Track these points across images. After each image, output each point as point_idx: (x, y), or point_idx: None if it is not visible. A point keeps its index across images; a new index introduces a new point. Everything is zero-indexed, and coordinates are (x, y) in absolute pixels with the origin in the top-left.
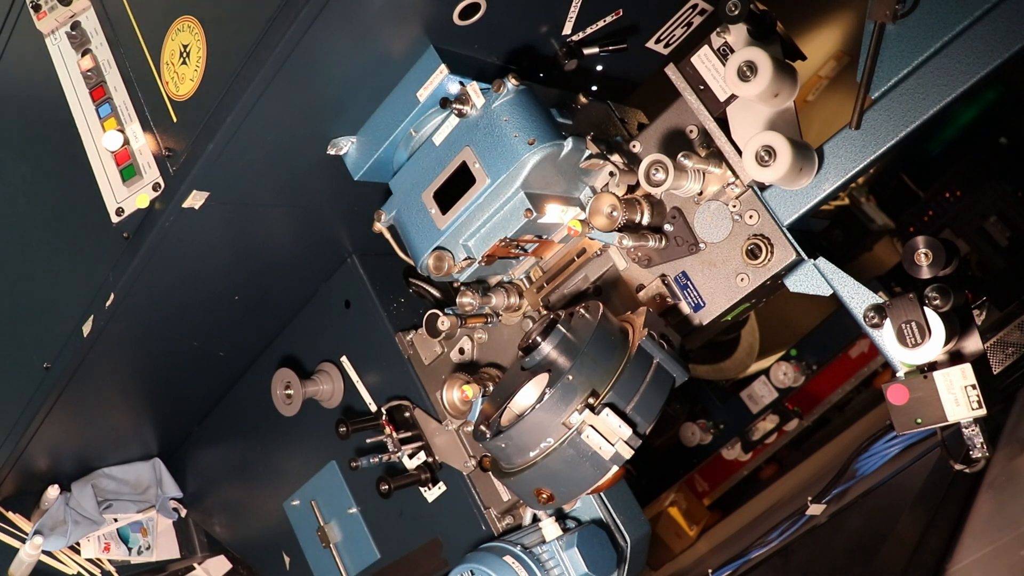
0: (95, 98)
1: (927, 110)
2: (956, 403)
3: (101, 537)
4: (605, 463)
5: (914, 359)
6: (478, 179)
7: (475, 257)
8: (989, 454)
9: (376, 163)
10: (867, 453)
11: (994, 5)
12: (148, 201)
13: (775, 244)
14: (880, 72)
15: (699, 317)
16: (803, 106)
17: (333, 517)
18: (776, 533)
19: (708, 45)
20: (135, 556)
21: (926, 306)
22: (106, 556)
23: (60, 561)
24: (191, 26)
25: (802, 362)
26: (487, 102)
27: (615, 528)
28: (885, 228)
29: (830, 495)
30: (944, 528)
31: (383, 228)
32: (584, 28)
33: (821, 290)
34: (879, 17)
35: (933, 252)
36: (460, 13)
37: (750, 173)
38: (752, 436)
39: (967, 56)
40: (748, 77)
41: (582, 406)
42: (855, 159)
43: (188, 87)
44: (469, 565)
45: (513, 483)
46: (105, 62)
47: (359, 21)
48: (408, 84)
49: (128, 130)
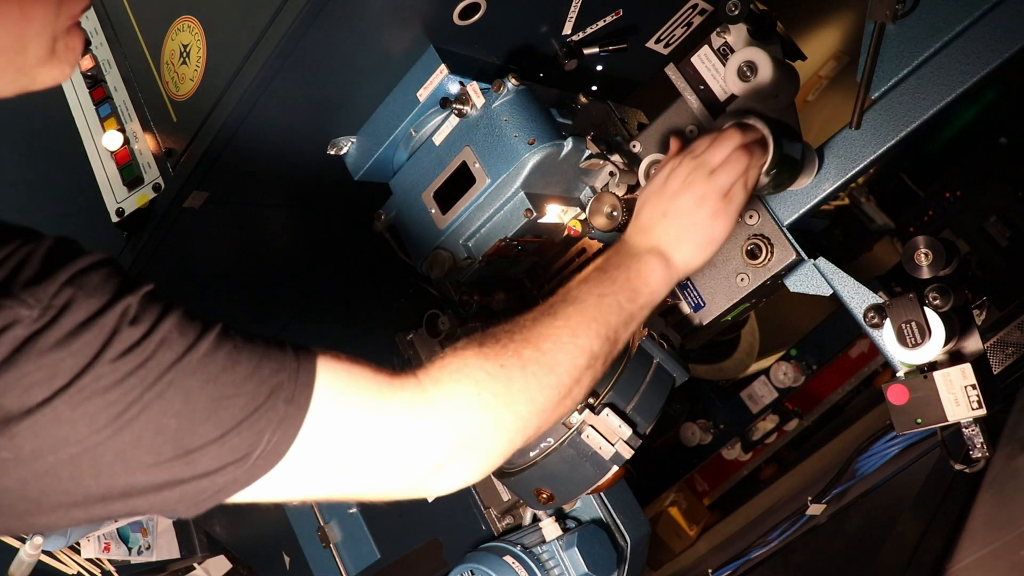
0: (95, 98)
1: (927, 110)
2: (956, 403)
3: (101, 537)
4: (605, 463)
5: (914, 359)
6: (478, 179)
7: (475, 257)
8: (989, 454)
9: (376, 163)
10: (867, 453)
11: (994, 5)
12: (148, 201)
13: (775, 244)
14: (880, 72)
15: (699, 317)
16: (803, 106)
17: (333, 517)
18: (776, 533)
19: (708, 45)
20: (135, 556)
21: (926, 306)
22: (106, 556)
23: (60, 561)
24: (191, 26)
25: (802, 362)
26: (487, 102)
27: (615, 528)
28: (885, 228)
29: (830, 495)
30: (944, 528)
31: (383, 228)
32: (584, 28)
33: (821, 290)
34: (879, 17)
35: (933, 252)
36: (460, 13)
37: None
38: (752, 436)
39: (967, 56)
40: (748, 77)
41: (582, 406)
42: (855, 159)
43: (188, 87)
44: (469, 565)
45: (513, 483)
46: (105, 62)
47: (359, 21)
48: (408, 84)
49: (128, 130)
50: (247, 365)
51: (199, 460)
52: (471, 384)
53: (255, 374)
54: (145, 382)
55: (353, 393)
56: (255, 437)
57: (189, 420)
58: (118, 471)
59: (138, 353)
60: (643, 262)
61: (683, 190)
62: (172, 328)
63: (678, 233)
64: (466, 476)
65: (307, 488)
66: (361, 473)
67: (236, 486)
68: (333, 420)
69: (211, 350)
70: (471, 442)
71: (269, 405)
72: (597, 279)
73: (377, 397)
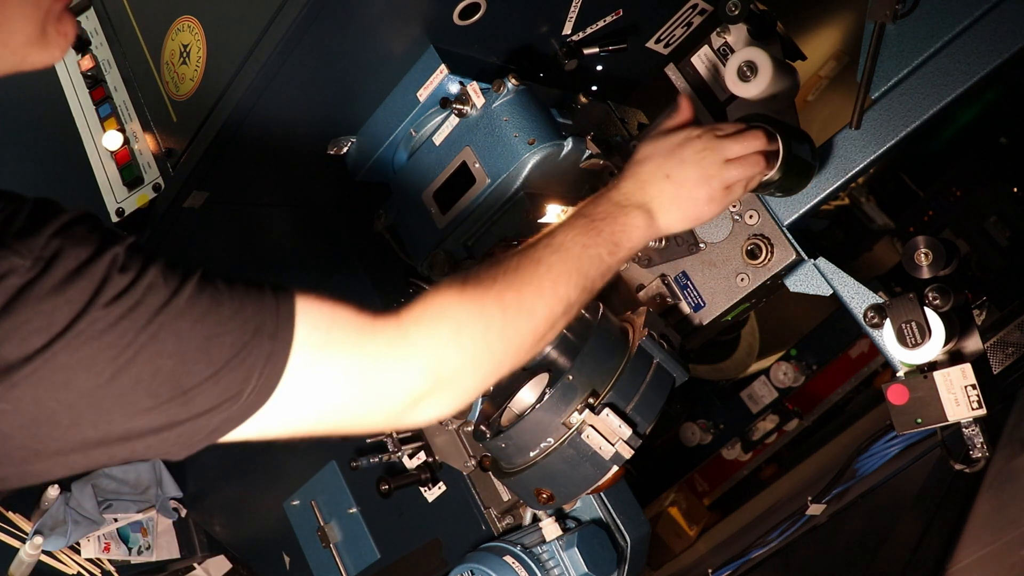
0: (95, 98)
1: (927, 110)
2: (956, 403)
3: (101, 537)
4: (605, 463)
5: (914, 359)
6: (478, 179)
7: (475, 257)
8: (989, 454)
9: (376, 163)
10: (867, 453)
11: (994, 5)
12: (148, 201)
13: (775, 244)
14: (880, 72)
15: (699, 317)
16: (803, 106)
17: (333, 517)
18: (776, 533)
19: (708, 45)
20: (135, 556)
21: (926, 306)
22: (106, 556)
23: (60, 561)
24: (191, 26)
25: (802, 362)
26: (487, 102)
27: (615, 528)
28: (885, 228)
29: (830, 495)
30: (944, 528)
31: (383, 228)
32: (584, 28)
33: (821, 290)
34: (879, 17)
35: (933, 252)
36: (460, 13)
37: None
38: (752, 436)
39: (967, 56)
40: (748, 77)
41: (582, 406)
42: (855, 159)
43: (188, 87)
44: (469, 565)
45: (513, 483)
46: (105, 62)
47: (359, 21)
48: (408, 84)
49: (128, 130)
50: (230, 305)
51: (195, 399)
52: (451, 325)
53: (239, 313)
54: (137, 324)
55: (336, 331)
56: (246, 372)
57: (183, 360)
58: (116, 416)
59: (128, 297)
60: (631, 216)
61: (694, 163)
62: (158, 274)
63: (673, 199)
64: (441, 411)
65: (291, 424)
66: (343, 407)
67: (230, 424)
68: (317, 355)
69: (195, 292)
70: (448, 381)
71: (255, 342)
72: (584, 228)
73: (359, 336)
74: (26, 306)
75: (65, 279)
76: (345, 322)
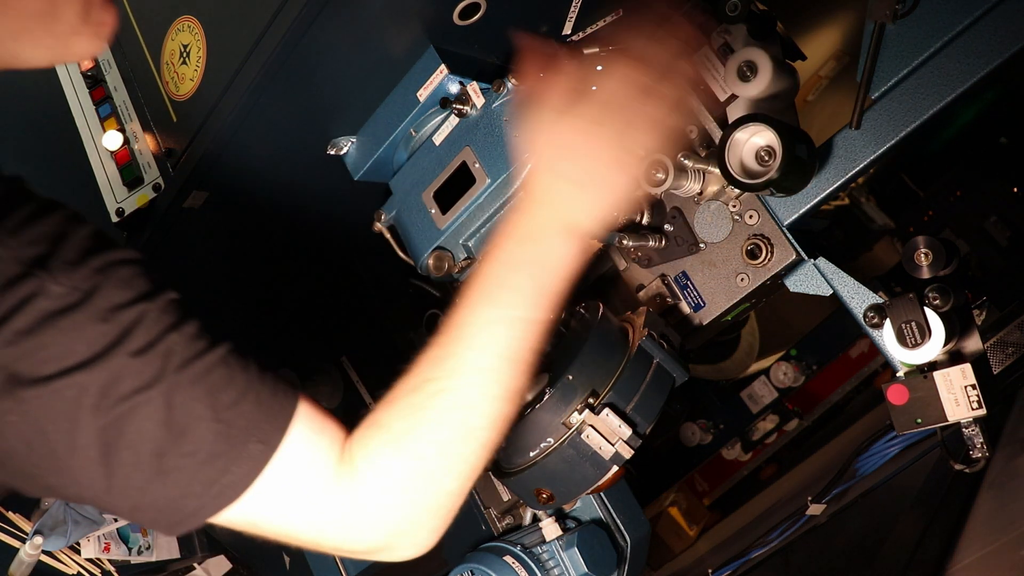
0: (95, 98)
1: (927, 110)
2: (956, 403)
3: (101, 537)
4: (605, 463)
5: (914, 359)
6: (478, 179)
7: (475, 257)
8: (989, 454)
9: (376, 163)
10: (867, 453)
11: (994, 5)
12: (148, 201)
13: (775, 244)
14: (880, 72)
15: (699, 317)
16: (803, 106)
17: None
18: (776, 533)
19: (708, 45)
20: (135, 556)
21: (926, 306)
22: (106, 556)
23: (60, 561)
24: (191, 26)
25: (802, 362)
26: (487, 102)
27: (615, 528)
28: (885, 228)
29: (830, 495)
30: (944, 528)
31: (383, 228)
32: (584, 28)
33: (821, 290)
34: (879, 17)
35: (933, 252)
36: (460, 13)
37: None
38: (752, 436)
39: (967, 56)
40: (748, 77)
41: (582, 406)
42: (855, 159)
43: (188, 87)
44: (469, 565)
45: (513, 483)
46: (105, 62)
47: (359, 21)
48: (408, 84)
49: (128, 130)
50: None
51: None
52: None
53: (240, 402)
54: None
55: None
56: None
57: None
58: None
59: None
60: (552, 249)
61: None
62: (179, 340)
63: (587, 202)
64: (410, 553)
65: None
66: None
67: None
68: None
69: (207, 370)
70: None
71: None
72: (499, 299)
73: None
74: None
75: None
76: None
